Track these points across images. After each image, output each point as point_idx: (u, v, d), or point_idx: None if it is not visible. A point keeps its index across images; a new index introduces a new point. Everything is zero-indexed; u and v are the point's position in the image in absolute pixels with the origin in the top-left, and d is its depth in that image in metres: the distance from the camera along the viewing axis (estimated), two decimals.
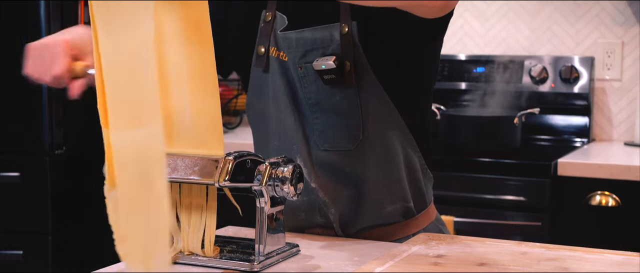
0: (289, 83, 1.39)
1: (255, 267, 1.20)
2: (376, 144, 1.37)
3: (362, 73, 1.34)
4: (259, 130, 1.47)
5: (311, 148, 1.38)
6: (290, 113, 1.39)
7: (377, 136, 1.37)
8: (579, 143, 2.92)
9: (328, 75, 1.33)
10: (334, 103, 1.36)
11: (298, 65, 1.36)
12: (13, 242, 2.81)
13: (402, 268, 1.13)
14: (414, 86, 1.41)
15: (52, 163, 2.81)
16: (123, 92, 1.05)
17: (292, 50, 1.37)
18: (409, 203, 1.42)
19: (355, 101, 1.35)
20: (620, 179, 2.41)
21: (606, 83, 2.98)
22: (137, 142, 1.02)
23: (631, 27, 2.93)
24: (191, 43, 1.15)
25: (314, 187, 1.38)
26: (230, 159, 1.16)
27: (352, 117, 1.35)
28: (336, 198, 1.39)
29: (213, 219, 1.23)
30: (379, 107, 1.36)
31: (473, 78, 3.02)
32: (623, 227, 2.42)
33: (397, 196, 1.40)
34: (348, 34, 1.32)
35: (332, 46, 1.34)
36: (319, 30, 1.35)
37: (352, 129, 1.36)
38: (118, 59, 1.05)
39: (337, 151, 1.37)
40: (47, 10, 2.75)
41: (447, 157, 2.63)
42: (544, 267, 1.14)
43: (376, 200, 1.39)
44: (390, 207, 1.40)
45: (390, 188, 1.40)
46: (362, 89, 1.34)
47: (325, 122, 1.37)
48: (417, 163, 1.42)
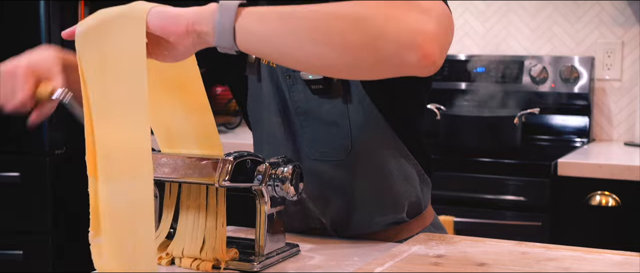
0: (279, 91, 1.37)
1: (255, 267, 1.20)
2: (366, 155, 1.35)
3: (349, 83, 1.31)
4: (255, 135, 1.47)
5: (301, 158, 1.37)
6: (280, 121, 1.38)
7: (367, 147, 1.34)
8: (579, 143, 2.92)
9: (315, 85, 1.31)
10: (323, 113, 1.34)
11: (286, 73, 1.34)
12: (13, 242, 2.81)
13: (402, 268, 1.13)
14: (403, 96, 1.36)
15: (52, 163, 2.81)
16: (114, 143, 1.06)
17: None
18: (401, 214, 1.40)
19: (343, 111, 1.33)
20: (620, 179, 2.41)
21: (606, 83, 2.98)
22: (127, 192, 1.05)
23: (631, 27, 2.93)
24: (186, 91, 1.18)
25: (304, 197, 1.38)
26: (230, 159, 1.16)
27: (341, 127, 1.33)
28: (326, 209, 1.39)
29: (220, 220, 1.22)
30: (367, 117, 1.33)
31: (473, 78, 3.02)
32: (623, 227, 2.42)
33: (387, 207, 1.38)
34: None
35: None
36: None
37: (341, 139, 1.34)
38: (109, 107, 1.07)
39: (326, 161, 1.36)
40: (47, 10, 2.75)
41: (447, 157, 2.63)
42: (544, 267, 1.14)
43: (366, 211, 1.38)
44: (380, 218, 1.39)
45: (381, 200, 1.38)
46: (350, 99, 1.32)
47: (314, 132, 1.35)
48: (414, 172, 1.40)
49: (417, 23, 1.00)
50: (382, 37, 1.00)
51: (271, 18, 1.03)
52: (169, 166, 1.19)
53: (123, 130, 1.06)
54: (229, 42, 1.03)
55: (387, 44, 1.00)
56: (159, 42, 1.06)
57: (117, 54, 1.06)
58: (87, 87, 1.08)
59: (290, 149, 1.37)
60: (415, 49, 0.99)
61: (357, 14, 1.01)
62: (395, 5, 1.02)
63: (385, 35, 1.00)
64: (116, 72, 1.06)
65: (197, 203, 1.23)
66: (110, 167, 1.06)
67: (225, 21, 1.02)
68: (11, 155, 2.82)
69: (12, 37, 2.79)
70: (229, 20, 1.02)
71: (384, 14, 1.01)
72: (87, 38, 1.08)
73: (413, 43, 0.99)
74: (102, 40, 1.07)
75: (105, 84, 1.07)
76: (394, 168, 1.37)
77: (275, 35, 1.03)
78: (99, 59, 1.07)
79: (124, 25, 1.06)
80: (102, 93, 1.07)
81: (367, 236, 1.40)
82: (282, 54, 1.05)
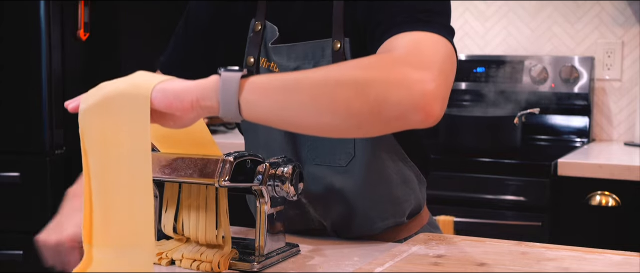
0: None
1: (255, 267, 1.20)
2: (366, 161, 1.34)
3: None
4: (248, 139, 1.47)
5: (302, 163, 1.37)
6: None
7: (368, 153, 1.34)
8: (579, 143, 2.92)
9: None
10: None
11: None
12: (13, 242, 2.81)
13: (402, 268, 1.13)
14: None
15: (52, 163, 2.81)
16: (114, 211, 1.07)
17: (283, 63, 1.34)
18: (401, 218, 1.40)
19: None
20: (620, 179, 2.41)
21: (606, 83, 2.98)
22: (125, 259, 1.06)
23: (631, 27, 2.93)
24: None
25: (304, 201, 1.38)
26: (230, 159, 1.16)
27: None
28: (326, 214, 1.39)
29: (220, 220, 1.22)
30: None
31: (473, 78, 3.02)
32: (623, 227, 2.42)
33: (388, 212, 1.38)
34: (340, 50, 1.29)
35: (324, 62, 1.30)
36: (310, 45, 1.32)
37: (345, 146, 1.34)
38: (110, 185, 1.07)
39: (328, 166, 1.36)
40: (47, 10, 2.74)
41: (447, 157, 2.63)
42: (544, 267, 1.14)
43: (367, 216, 1.38)
44: (381, 223, 1.39)
45: (381, 205, 1.38)
46: None
47: (317, 138, 1.35)
48: (412, 174, 1.40)
49: (419, 84, 1.03)
50: (385, 102, 1.02)
51: (275, 90, 1.04)
52: (170, 166, 1.19)
53: (125, 208, 1.06)
54: (235, 114, 1.04)
55: (390, 108, 1.02)
56: (164, 114, 1.07)
57: (121, 134, 1.06)
58: (87, 158, 1.08)
59: (290, 153, 1.37)
60: (418, 112, 1.03)
61: (360, 80, 1.03)
62: (397, 63, 1.05)
63: (388, 100, 1.02)
64: (119, 153, 1.06)
65: (197, 203, 1.23)
66: (109, 235, 1.07)
67: (229, 96, 1.03)
68: (11, 155, 2.82)
69: (12, 37, 2.79)
70: (233, 96, 1.03)
71: (386, 78, 1.03)
72: (91, 115, 1.07)
73: (416, 106, 1.02)
74: (105, 119, 1.06)
75: (108, 161, 1.07)
76: (393, 173, 1.37)
77: (280, 108, 1.05)
78: (102, 139, 1.07)
79: (129, 106, 1.05)
80: (103, 169, 1.07)
81: (367, 236, 1.40)
82: (289, 124, 1.08)
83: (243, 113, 1.04)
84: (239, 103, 1.03)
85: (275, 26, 1.36)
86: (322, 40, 1.31)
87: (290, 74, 1.06)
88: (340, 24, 1.29)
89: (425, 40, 1.11)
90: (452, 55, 1.14)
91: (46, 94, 2.76)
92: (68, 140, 2.86)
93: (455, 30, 1.24)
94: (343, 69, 1.06)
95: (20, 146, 2.82)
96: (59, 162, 2.84)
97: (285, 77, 1.05)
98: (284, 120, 1.07)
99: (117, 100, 1.05)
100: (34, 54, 2.76)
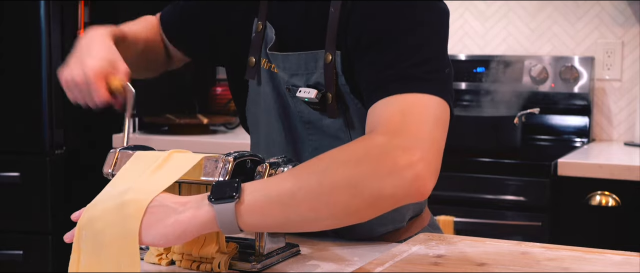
0: (280, 95, 1.37)
1: (255, 267, 1.20)
2: None
3: (346, 102, 1.31)
4: (253, 137, 1.47)
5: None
6: (280, 126, 1.37)
7: None
8: (579, 143, 2.92)
9: (313, 105, 1.31)
10: (324, 125, 1.34)
11: (286, 85, 1.34)
12: (13, 242, 2.81)
13: (402, 268, 1.13)
14: None
15: (52, 163, 2.81)
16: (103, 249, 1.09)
17: (280, 68, 1.35)
18: (401, 223, 1.40)
19: (342, 127, 1.33)
20: (620, 179, 2.41)
21: (606, 83, 2.98)
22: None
23: (631, 27, 2.93)
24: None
25: None
26: (230, 159, 1.15)
27: (343, 141, 1.33)
28: None
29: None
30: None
31: (473, 78, 3.02)
32: (623, 227, 2.42)
33: (387, 218, 1.37)
34: (331, 63, 1.28)
35: (316, 74, 1.30)
36: (303, 56, 1.31)
37: None
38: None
39: None
40: (47, 10, 2.75)
41: (447, 157, 2.60)
42: (544, 267, 1.14)
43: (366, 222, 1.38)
44: (381, 228, 1.39)
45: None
46: (349, 116, 1.32)
47: (319, 141, 1.35)
48: None
49: (408, 170, 1.06)
50: (380, 196, 1.06)
51: (272, 207, 1.07)
52: None
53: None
54: (237, 233, 1.08)
55: (385, 200, 1.07)
56: None
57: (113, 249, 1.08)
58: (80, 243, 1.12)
59: (291, 154, 1.37)
60: (413, 195, 1.08)
61: (352, 180, 1.06)
62: (384, 150, 1.08)
63: (382, 194, 1.06)
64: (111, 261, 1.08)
65: None
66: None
67: (229, 225, 1.07)
68: (11, 155, 2.82)
69: (12, 37, 2.79)
70: (232, 223, 1.07)
71: (376, 171, 1.06)
72: (86, 232, 1.11)
73: (408, 193, 1.07)
74: (95, 260, 1.10)
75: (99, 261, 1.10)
76: None
77: (281, 224, 1.10)
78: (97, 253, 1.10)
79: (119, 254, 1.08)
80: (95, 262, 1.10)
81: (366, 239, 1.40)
82: (292, 231, 1.15)
83: (246, 232, 1.09)
84: (240, 227, 1.07)
85: (274, 29, 1.35)
86: (315, 52, 1.30)
87: (284, 184, 1.08)
88: (332, 36, 1.29)
89: (413, 108, 1.13)
90: (443, 115, 1.16)
91: (46, 94, 2.76)
92: (68, 140, 2.86)
93: (456, 30, 1.24)
94: (334, 167, 1.07)
95: (20, 146, 2.82)
96: (58, 162, 2.84)
97: (280, 190, 1.07)
98: (288, 230, 1.15)
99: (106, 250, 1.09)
100: (34, 54, 2.76)
